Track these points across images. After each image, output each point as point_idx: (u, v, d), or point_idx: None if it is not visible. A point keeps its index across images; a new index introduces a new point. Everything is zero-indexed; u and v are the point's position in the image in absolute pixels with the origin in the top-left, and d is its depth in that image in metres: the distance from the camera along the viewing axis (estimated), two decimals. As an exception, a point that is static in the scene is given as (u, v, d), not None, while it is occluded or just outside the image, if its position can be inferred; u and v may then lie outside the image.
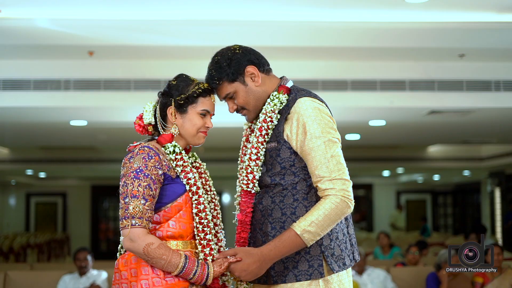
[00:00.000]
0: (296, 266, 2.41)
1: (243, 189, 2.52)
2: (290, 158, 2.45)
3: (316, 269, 2.40)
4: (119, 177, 2.46)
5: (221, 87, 2.55)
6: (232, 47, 2.58)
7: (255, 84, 2.54)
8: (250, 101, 2.54)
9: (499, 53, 5.87)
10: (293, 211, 2.42)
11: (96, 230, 18.95)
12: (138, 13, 4.83)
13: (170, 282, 2.38)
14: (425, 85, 6.21)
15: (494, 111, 6.83)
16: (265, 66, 2.59)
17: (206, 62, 2.59)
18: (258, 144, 2.49)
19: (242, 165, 2.57)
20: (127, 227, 2.35)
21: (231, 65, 2.52)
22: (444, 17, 4.91)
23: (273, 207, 2.45)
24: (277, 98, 2.50)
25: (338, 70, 6.07)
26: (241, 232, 2.51)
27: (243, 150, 2.65)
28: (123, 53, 5.82)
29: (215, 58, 2.57)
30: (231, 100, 2.57)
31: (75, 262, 6.53)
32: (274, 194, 2.46)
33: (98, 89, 5.98)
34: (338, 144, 2.42)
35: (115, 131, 8.42)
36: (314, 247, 2.40)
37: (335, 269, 2.42)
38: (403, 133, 9.34)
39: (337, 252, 2.44)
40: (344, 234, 2.50)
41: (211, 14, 4.87)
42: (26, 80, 5.89)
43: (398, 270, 7.08)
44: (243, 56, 2.54)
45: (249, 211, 2.50)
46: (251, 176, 2.49)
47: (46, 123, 7.41)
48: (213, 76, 2.54)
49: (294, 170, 2.45)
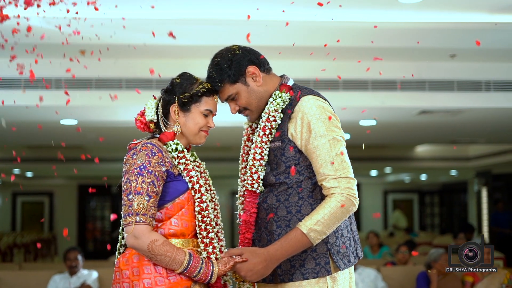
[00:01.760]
0: (303, 264, 2.42)
1: (248, 189, 2.51)
2: (294, 156, 2.45)
3: (323, 267, 2.41)
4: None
5: (223, 89, 2.54)
6: (231, 47, 2.58)
7: (257, 84, 2.54)
8: (252, 102, 2.54)
9: (490, 53, 5.90)
10: (299, 209, 2.43)
11: (83, 229, 18.86)
12: (129, 12, 4.80)
13: (172, 281, 2.37)
14: (416, 85, 6.23)
15: (484, 111, 6.87)
16: (265, 65, 2.59)
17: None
18: (262, 144, 2.49)
19: (245, 165, 2.57)
20: (131, 224, 2.34)
21: (232, 66, 2.51)
22: (437, 17, 4.92)
23: (278, 206, 2.45)
24: (280, 97, 2.50)
25: (330, 70, 6.07)
26: (245, 233, 2.51)
27: (244, 149, 2.64)
28: (114, 52, 5.79)
29: (214, 60, 2.56)
30: (233, 101, 2.57)
31: (65, 262, 6.50)
32: (279, 193, 2.46)
33: (89, 88, 5.95)
34: (342, 142, 2.42)
35: (105, 130, 8.38)
36: (320, 245, 2.41)
37: (341, 266, 2.44)
38: (393, 133, 9.36)
39: (343, 249, 2.45)
40: (348, 231, 2.51)
41: (202, 13, 4.86)
42: (17, 79, 5.85)
43: (389, 270, 7.10)
44: (243, 56, 2.53)
45: (254, 211, 2.50)
46: (255, 176, 2.49)
47: (37, 122, 7.35)
48: (214, 78, 2.53)
49: (299, 169, 2.45)
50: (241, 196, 2.57)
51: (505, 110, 6.52)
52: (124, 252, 2.50)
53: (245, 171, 2.56)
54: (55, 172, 14.77)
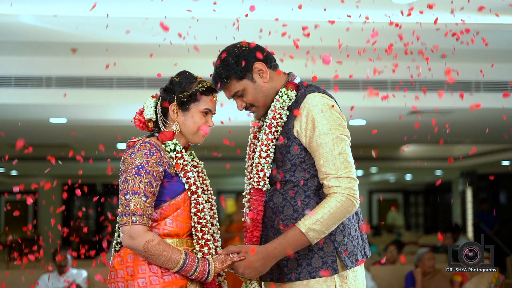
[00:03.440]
0: (310, 263, 2.41)
1: (254, 187, 2.51)
2: (300, 154, 2.44)
3: (330, 266, 2.40)
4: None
5: (229, 85, 2.53)
6: (238, 44, 2.56)
7: (264, 81, 2.53)
8: (259, 98, 2.53)
9: (480, 54, 5.93)
10: (305, 207, 2.41)
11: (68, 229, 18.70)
12: (121, 11, 4.78)
13: (167, 280, 2.37)
14: (406, 85, 6.24)
15: (473, 112, 6.90)
16: (272, 62, 2.58)
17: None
18: (267, 142, 2.48)
19: (251, 163, 2.56)
20: (127, 224, 2.33)
21: (239, 62, 2.50)
22: (430, 18, 4.94)
23: (284, 204, 2.44)
24: (286, 94, 2.50)
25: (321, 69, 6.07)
26: (253, 231, 2.50)
27: (250, 147, 2.63)
28: (106, 51, 5.76)
29: (221, 55, 2.54)
30: (239, 98, 2.56)
31: (54, 261, 6.46)
32: (285, 191, 2.45)
33: (80, 87, 5.92)
34: (346, 142, 2.41)
35: (94, 129, 8.32)
36: (328, 244, 2.40)
37: (349, 265, 2.42)
38: (382, 133, 9.37)
39: (350, 248, 2.44)
40: (356, 230, 2.51)
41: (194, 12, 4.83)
42: (7, 77, 5.81)
43: (377, 269, 7.12)
44: (251, 52, 2.52)
45: (260, 209, 2.49)
46: (261, 174, 2.49)
47: (25, 121, 7.30)
48: (221, 74, 2.51)
49: (304, 167, 2.44)
50: (247, 194, 2.56)
51: (494, 110, 6.55)
52: (119, 251, 2.49)
53: (251, 169, 2.55)
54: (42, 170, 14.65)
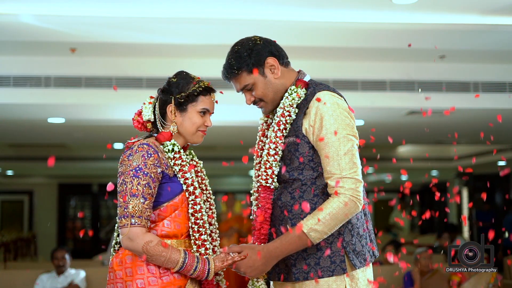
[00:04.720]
0: (318, 262, 2.40)
1: (262, 185, 2.49)
2: (308, 153, 2.42)
3: (339, 265, 2.39)
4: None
5: (239, 78, 2.51)
6: (253, 37, 2.54)
7: (274, 76, 2.52)
8: (268, 93, 2.52)
9: (479, 55, 5.95)
10: (314, 206, 2.39)
11: (63, 229, 18.69)
12: (120, 11, 4.77)
13: (166, 281, 2.37)
14: (405, 85, 6.26)
15: (472, 112, 6.92)
16: (284, 59, 2.57)
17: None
18: (276, 139, 2.46)
19: (260, 160, 2.55)
20: (126, 226, 2.33)
21: (252, 56, 2.48)
22: (429, 18, 4.95)
23: (292, 203, 2.43)
24: (295, 92, 2.48)
25: (320, 70, 6.09)
26: (260, 229, 2.49)
27: (259, 145, 2.62)
28: (105, 51, 5.76)
29: (235, 47, 2.53)
30: (248, 91, 2.54)
31: (52, 261, 6.44)
32: (293, 190, 2.44)
33: (79, 87, 5.91)
34: (353, 142, 2.39)
35: (91, 128, 8.32)
36: (336, 244, 2.39)
37: (357, 265, 2.41)
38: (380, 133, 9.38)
39: (358, 247, 2.43)
40: (364, 230, 2.48)
41: (193, 12, 4.84)
42: (6, 77, 5.80)
43: (375, 269, 7.11)
44: (264, 47, 2.51)
45: (268, 207, 2.48)
46: (270, 172, 2.47)
47: (24, 120, 7.29)
48: (232, 66, 2.50)
49: (312, 165, 2.42)
50: (255, 192, 2.55)
51: (492, 111, 6.57)
52: (118, 252, 2.50)
53: (260, 166, 2.54)
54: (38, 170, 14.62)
